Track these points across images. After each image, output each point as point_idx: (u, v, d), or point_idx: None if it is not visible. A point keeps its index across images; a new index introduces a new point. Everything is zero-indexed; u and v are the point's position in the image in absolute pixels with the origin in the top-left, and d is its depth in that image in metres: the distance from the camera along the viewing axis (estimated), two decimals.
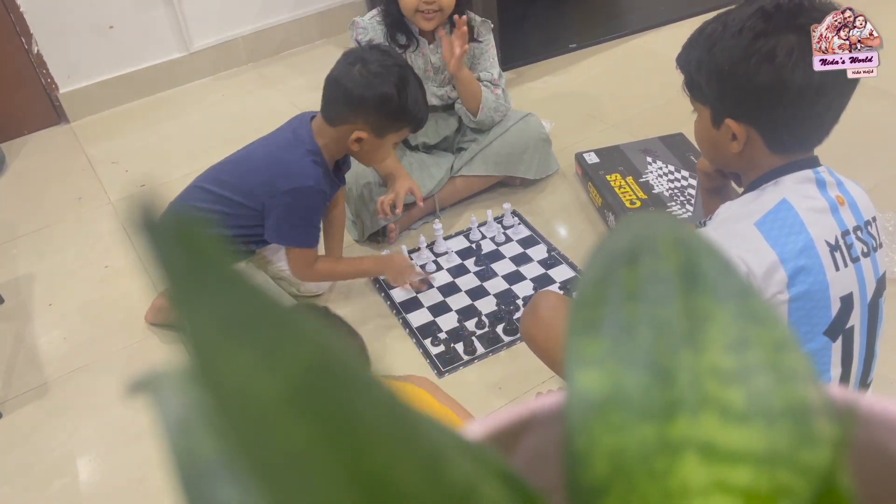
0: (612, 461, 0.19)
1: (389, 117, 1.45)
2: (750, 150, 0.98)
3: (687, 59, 1.01)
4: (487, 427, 0.26)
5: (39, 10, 2.41)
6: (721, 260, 0.22)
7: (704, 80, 0.98)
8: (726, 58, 0.93)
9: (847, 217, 0.95)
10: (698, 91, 1.01)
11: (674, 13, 2.75)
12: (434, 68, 1.84)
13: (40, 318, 1.78)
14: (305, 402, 0.11)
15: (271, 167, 1.49)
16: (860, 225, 0.96)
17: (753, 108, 0.94)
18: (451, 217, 1.94)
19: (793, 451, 0.19)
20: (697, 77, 1.00)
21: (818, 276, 0.91)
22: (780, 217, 0.92)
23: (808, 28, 0.89)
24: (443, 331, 1.59)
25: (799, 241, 0.91)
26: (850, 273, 0.94)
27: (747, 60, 0.91)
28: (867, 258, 0.96)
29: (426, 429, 0.13)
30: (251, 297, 0.11)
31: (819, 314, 0.93)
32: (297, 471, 0.11)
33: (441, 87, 1.88)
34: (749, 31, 0.90)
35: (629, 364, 0.20)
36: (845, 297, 0.93)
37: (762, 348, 0.20)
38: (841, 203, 0.95)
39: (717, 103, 0.99)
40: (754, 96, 0.93)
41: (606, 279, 0.22)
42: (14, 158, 2.47)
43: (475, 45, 1.83)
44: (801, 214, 0.92)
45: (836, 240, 0.93)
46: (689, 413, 0.20)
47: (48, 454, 1.44)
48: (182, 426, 0.13)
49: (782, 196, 0.93)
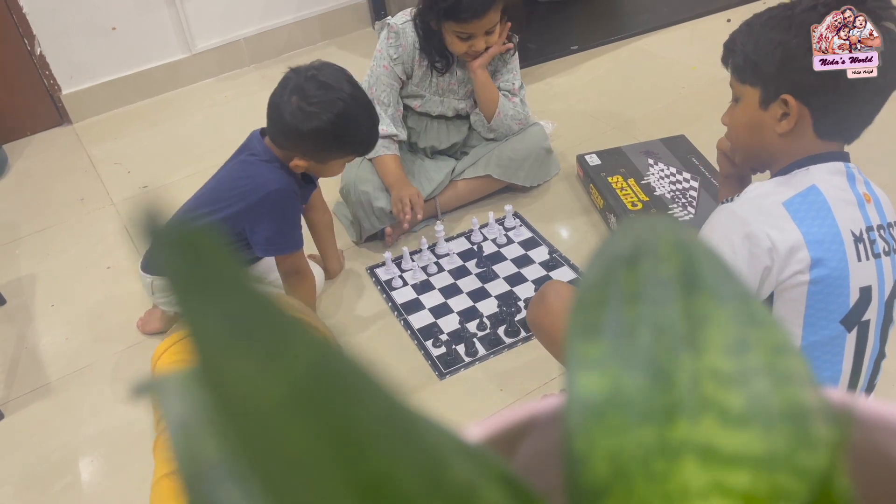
0: (612, 463, 0.19)
1: (327, 149, 1.44)
2: (796, 131, 0.99)
3: (745, 40, 1.01)
4: (488, 429, 0.26)
5: (42, 12, 2.42)
6: (720, 263, 0.22)
7: (768, 57, 0.98)
8: (795, 33, 0.95)
9: (872, 214, 0.97)
10: (751, 72, 1.01)
11: (675, 16, 2.75)
12: (459, 81, 1.84)
13: (42, 318, 1.78)
14: (307, 406, 0.11)
15: (236, 187, 1.48)
16: (884, 224, 0.98)
17: (817, 88, 0.96)
18: (453, 219, 1.94)
19: (791, 454, 0.19)
20: (755, 56, 1.00)
21: (840, 262, 0.93)
22: (809, 200, 0.94)
23: (874, 12, 0.92)
24: (444, 332, 1.60)
25: (825, 226, 0.92)
26: (871, 266, 0.95)
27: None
28: (888, 257, 0.97)
29: (427, 431, 0.13)
30: (255, 302, 0.12)
31: (837, 301, 0.94)
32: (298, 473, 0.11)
33: (462, 100, 1.87)
34: (823, 8, 0.93)
35: (629, 366, 0.20)
36: (864, 288, 0.95)
37: (761, 351, 0.20)
38: (868, 200, 0.97)
39: (779, 80, 0.99)
40: (821, 77, 0.94)
41: (607, 281, 0.22)
42: (17, 159, 2.47)
43: (499, 56, 1.83)
44: (830, 202, 0.94)
45: (861, 232, 0.95)
46: (688, 416, 0.20)
47: (50, 455, 1.44)
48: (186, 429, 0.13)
49: (812, 182, 0.95)
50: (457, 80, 1.84)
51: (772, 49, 0.98)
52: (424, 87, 1.83)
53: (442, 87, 1.84)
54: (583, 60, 2.63)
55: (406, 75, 1.81)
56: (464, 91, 1.86)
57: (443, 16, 1.66)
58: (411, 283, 1.74)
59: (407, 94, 1.85)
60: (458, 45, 1.71)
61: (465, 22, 1.66)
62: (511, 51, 1.84)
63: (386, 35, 1.78)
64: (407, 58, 1.78)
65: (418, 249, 1.80)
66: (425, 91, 1.84)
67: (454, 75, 1.83)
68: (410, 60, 1.79)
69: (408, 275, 1.76)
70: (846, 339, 0.95)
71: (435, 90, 1.84)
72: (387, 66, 1.78)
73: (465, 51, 1.72)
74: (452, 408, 1.45)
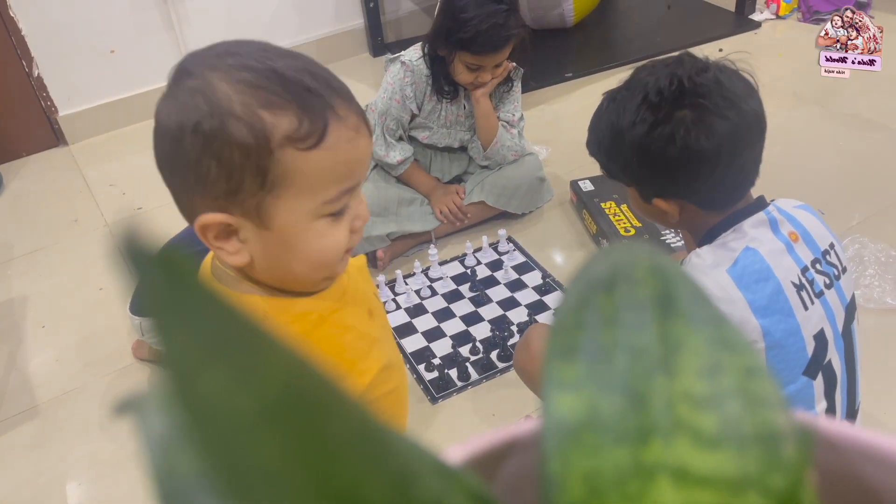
0: (587, 484, 0.20)
1: None
2: (689, 215, 1.00)
3: (597, 149, 1.05)
4: (469, 451, 0.26)
5: (42, 34, 2.44)
6: (695, 288, 0.22)
7: (618, 168, 1.02)
8: (632, 150, 0.96)
9: (803, 253, 0.96)
10: (617, 176, 1.04)
11: (668, 44, 2.79)
12: (466, 113, 1.86)
13: (33, 339, 1.78)
14: (279, 420, 0.11)
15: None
16: (818, 257, 0.97)
17: (673, 183, 0.97)
18: (447, 242, 1.95)
19: (762, 476, 0.19)
20: (610, 166, 1.03)
21: (790, 320, 0.92)
22: (749, 263, 0.93)
23: (697, 103, 0.92)
24: (437, 356, 1.59)
25: (768, 287, 0.92)
26: (817, 309, 0.94)
27: (651, 147, 0.94)
28: (830, 290, 0.97)
29: (397, 447, 0.13)
30: (228, 318, 0.12)
31: (796, 357, 0.93)
32: (269, 487, 0.11)
33: (468, 132, 1.89)
34: (643, 124, 0.94)
35: (605, 388, 0.21)
36: (818, 334, 0.94)
37: (734, 374, 0.21)
38: (795, 240, 0.96)
39: (640, 187, 1.02)
40: (669, 174, 0.96)
41: (585, 305, 0.23)
42: (12, 180, 2.48)
43: (503, 87, 1.85)
44: (767, 259, 0.93)
45: (799, 278, 0.94)
46: (662, 437, 0.20)
47: (37, 478, 1.43)
48: (163, 445, 0.14)
49: (745, 244, 0.94)
50: (464, 112, 1.86)
51: (618, 170, 1.02)
52: (433, 120, 1.86)
53: (450, 119, 1.86)
54: (577, 87, 2.66)
55: (417, 108, 1.83)
56: (469, 123, 1.88)
57: (457, 45, 1.68)
58: (404, 306, 1.74)
59: (415, 125, 1.87)
60: (464, 75, 1.73)
61: (479, 55, 1.68)
62: (514, 82, 1.86)
63: (401, 73, 1.79)
64: (420, 93, 1.81)
65: (412, 273, 1.81)
66: (433, 123, 1.87)
67: (462, 108, 1.85)
68: (422, 95, 1.82)
69: (401, 298, 1.76)
70: (814, 386, 0.95)
71: (443, 122, 1.87)
72: (399, 101, 1.80)
73: (470, 81, 1.75)
74: (444, 432, 1.44)
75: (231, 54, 0.65)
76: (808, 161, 2.09)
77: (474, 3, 1.64)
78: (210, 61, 0.65)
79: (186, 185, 0.67)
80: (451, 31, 1.66)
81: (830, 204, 1.88)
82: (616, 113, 0.98)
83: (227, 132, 0.61)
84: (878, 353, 1.48)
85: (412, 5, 3.11)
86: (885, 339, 1.53)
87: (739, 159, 0.93)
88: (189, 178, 0.65)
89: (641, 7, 3.25)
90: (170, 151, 0.67)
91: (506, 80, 1.83)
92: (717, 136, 0.90)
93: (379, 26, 2.98)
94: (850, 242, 1.68)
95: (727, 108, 0.91)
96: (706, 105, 0.91)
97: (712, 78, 0.92)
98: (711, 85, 0.91)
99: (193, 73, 0.64)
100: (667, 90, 0.93)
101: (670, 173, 0.95)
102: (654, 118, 0.93)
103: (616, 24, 3.21)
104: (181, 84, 0.64)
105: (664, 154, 0.93)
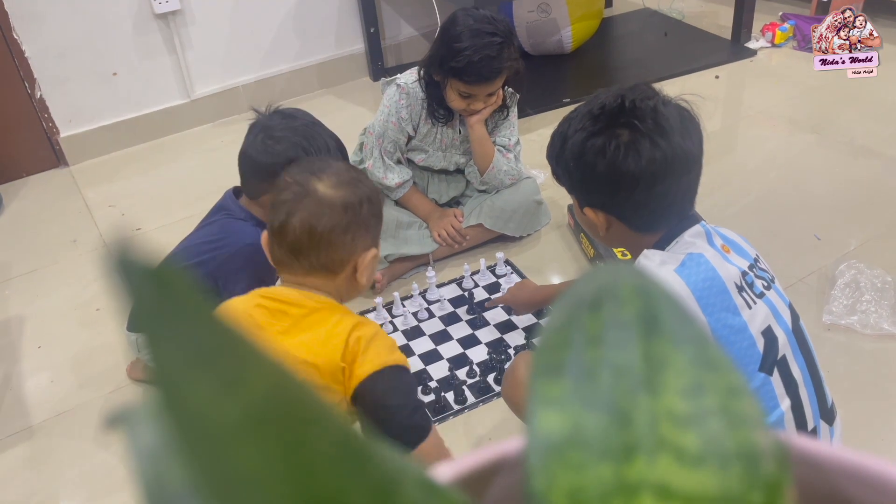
0: (571, 500, 0.20)
1: None
2: (617, 231, 1.07)
3: (549, 153, 1.12)
4: (458, 468, 0.26)
5: (45, 57, 2.46)
6: (679, 308, 0.23)
7: (561, 172, 1.09)
8: (570, 155, 1.04)
9: (737, 260, 1.01)
10: (561, 181, 1.12)
11: (665, 71, 2.82)
12: (461, 137, 1.88)
13: (29, 360, 1.77)
14: (262, 429, 0.12)
15: (209, 245, 1.47)
16: (752, 263, 1.03)
17: (599, 195, 1.05)
18: (444, 265, 1.95)
19: (743, 494, 0.20)
20: (557, 170, 1.11)
21: (736, 318, 0.96)
22: (695, 264, 0.98)
23: (632, 124, 0.99)
24: (433, 379, 1.59)
25: (714, 287, 0.96)
26: (762, 308, 0.99)
27: (584, 156, 1.02)
28: (770, 290, 1.02)
29: (379, 458, 0.14)
30: (215, 329, 0.12)
31: (749, 353, 0.96)
32: (252, 494, 0.11)
33: (464, 155, 1.91)
34: (582, 132, 1.02)
35: (589, 406, 0.21)
36: (765, 331, 0.98)
37: (716, 394, 0.21)
38: (727, 251, 1.02)
39: (575, 193, 1.10)
40: (595, 185, 1.04)
41: (570, 324, 0.23)
42: (12, 200, 2.49)
43: (498, 113, 1.86)
44: (711, 261, 0.98)
45: (740, 280, 0.99)
46: (645, 455, 0.20)
47: (30, 498, 1.41)
48: (151, 455, 0.14)
49: (690, 249, 1.00)
50: (459, 136, 1.87)
51: (561, 174, 1.09)
52: (428, 143, 1.87)
53: (445, 142, 1.87)
54: None
55: (413, 130, 1.85)
56: (465, 147, 1.89)
57: (450, 73, 1.69)
58: (402, 328, 1.74)
59: (411, 147, 1.88)
60: (457, 102, 1.75)
61: (470, 84, 1.70)
62: (511, 107, 1.88)
63: (397, 95, 1.81)
64: (415, 116, 1.82)
65: (409, 295, 1.81)
66: (429, 146, 1.88)
67: (457, 132, 1.87)
68: (418, 118, 1.83)
69: (398, 320, 1.76)
70: (772, 383, 0.97)
71: (438, 146, 1.88)
72: (395, 123, 1.82)
73: (463, 108, 1.76)
74: None
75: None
76: (804, 187, 2.10)
77: (469, 34, 1.65)
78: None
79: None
80: (445, 58, 1.68)
81: (826, 230, 1.89)
82: (567, 121, 1.07)
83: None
84: (875, 378, 1.48)
85: (412, 31, 3.14)
86: (882, 365, 1.52)
87: (661, 187, 1.00)
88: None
89: (639, 34, 3.29)
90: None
91: (501, 107, 1.84)
92: (642, 160, 0.98)
93: (379, 51, 3.01)
94: (847, 268, 1.68)
95: (659, 136, 0.98)
96: (640, 128, 0.98)
97: (652, 106, 0.99)
98: (648, 111, 0.99)
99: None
100: (609, 106, 1.01)
101: (597, 185, 1.04)
102: (592, 128, 1.01)
103: (613, 51, 3.24)
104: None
105: (595, 165, 1.01)
